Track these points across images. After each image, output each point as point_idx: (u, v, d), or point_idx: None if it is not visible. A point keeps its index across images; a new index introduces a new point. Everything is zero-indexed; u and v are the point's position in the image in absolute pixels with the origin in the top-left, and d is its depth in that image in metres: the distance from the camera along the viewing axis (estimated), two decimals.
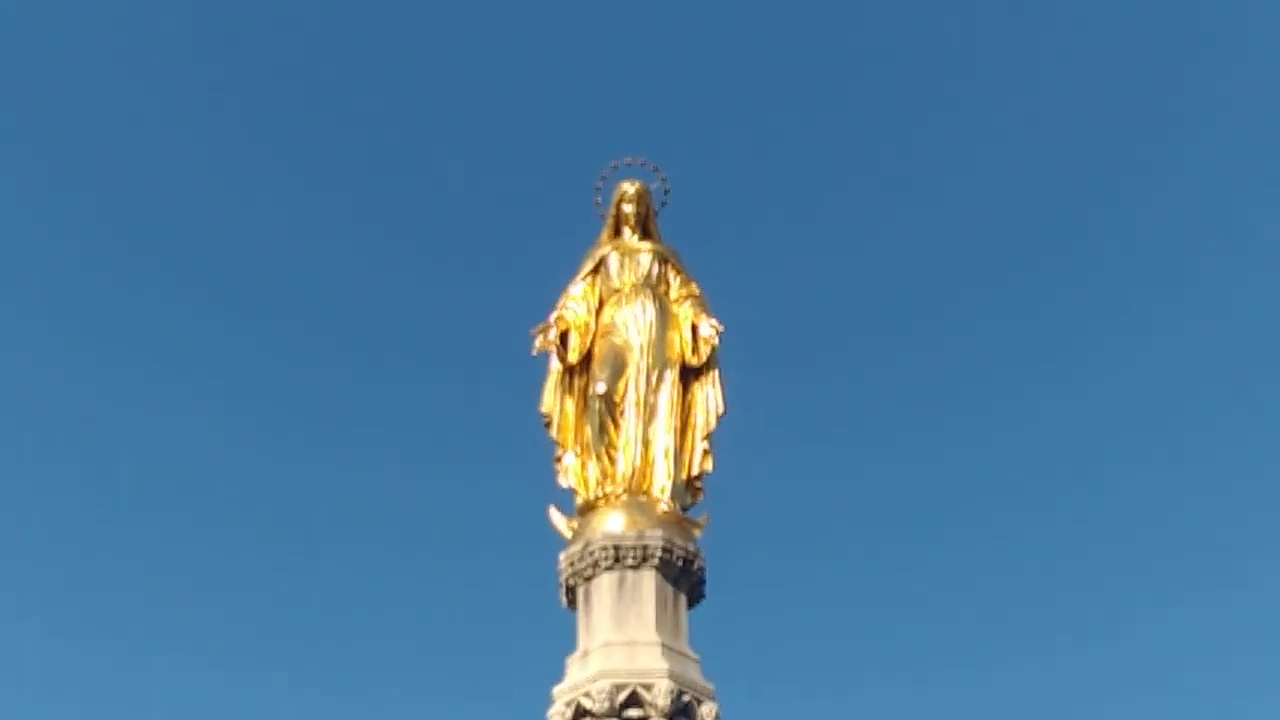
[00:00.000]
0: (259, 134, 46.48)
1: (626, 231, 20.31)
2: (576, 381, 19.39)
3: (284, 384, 45.14)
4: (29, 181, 43.74)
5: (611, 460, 18.81)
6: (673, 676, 17.43)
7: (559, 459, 19.22)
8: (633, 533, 18.16)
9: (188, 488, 43.65)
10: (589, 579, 18.27)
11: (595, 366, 19.22)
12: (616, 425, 18.88)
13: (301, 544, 43.48)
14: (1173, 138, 44.74)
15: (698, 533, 18.72)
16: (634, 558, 18.10)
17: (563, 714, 17.53)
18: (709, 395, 19.28)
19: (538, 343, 19.22)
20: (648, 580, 18.10)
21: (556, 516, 18.94)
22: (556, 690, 17.81)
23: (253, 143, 46.44)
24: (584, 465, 19.01)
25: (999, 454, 45.12)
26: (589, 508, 18.70)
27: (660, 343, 19.22)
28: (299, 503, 44.31)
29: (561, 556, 18.59)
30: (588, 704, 17.32)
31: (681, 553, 18.27)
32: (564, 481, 19.12)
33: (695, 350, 19.29)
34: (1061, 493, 44.38)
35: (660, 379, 19.06)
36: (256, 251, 45.62)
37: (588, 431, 19.00)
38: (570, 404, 19.34)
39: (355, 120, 46.77)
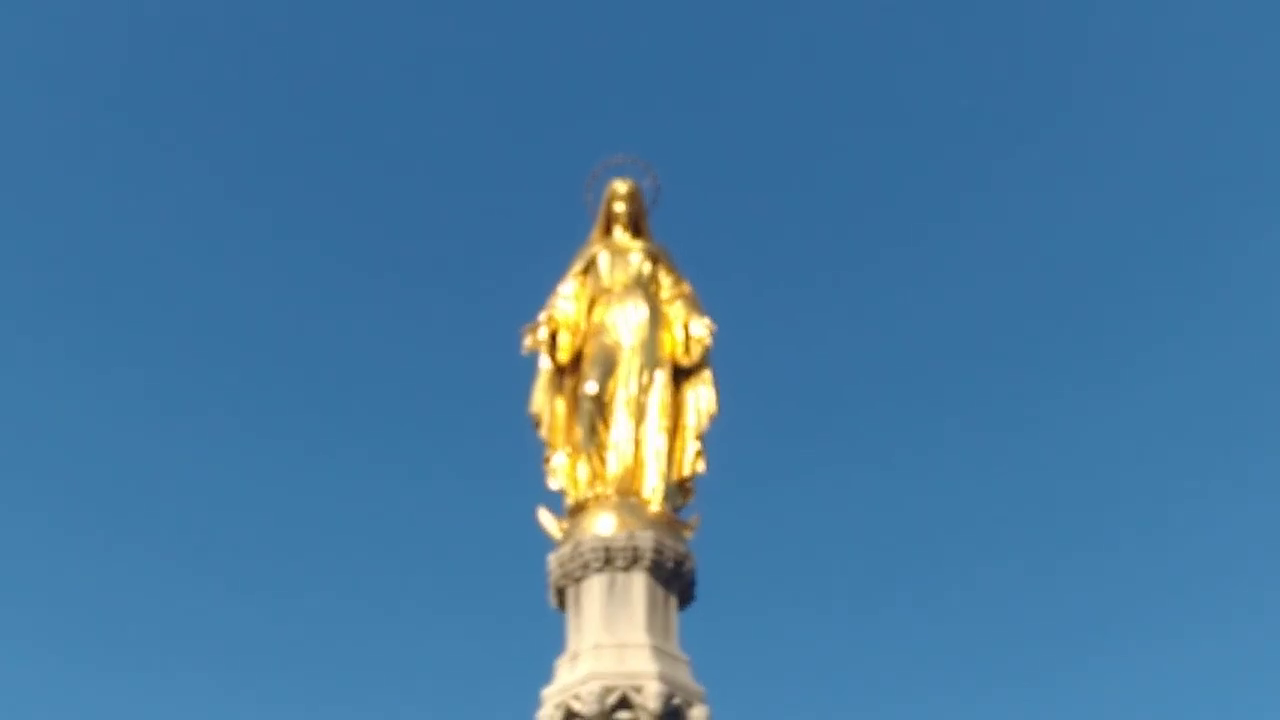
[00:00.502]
0: (250, 137, 46.61)
1: (618, 230, 20.41)
2: (567, 381, 19.50)
3: (273, 388, 45.29)
4: (19, 191, 43.94)
5: (602, 461, 18.86)
6: (663, 679, 17.46)
7: (549, 460, 19.27)
8: (623, 534, 18.22)
9: (177, 495, 43.91)
10: (579, 580, 18.32)
11: (586, 366, 19.28)
12: (607, 426, 18.94)
13: (289, 547, 43.76)
14: (1202, 157, 44.83)
15: (689, 534, 18.78)
16: (624, 559, 18.14)
17: (552, 716, 17.58)
18: (700, 396, 19.35)
19: (527, 342, 19.32)
20: (638, 582, 18.15)
21: (546, 518, 18.96)
22: (546, 692, 17.84)
23: (242, 144, 46.58)
24: (574, 466, 19.05)
25: (999, 459, 45.36)
26: (579, 509, 18.76)
27: (651, 342, 19.30)
28: (286, 506, 44.51)
29: (551, 558, 18.65)
30: (577, 706, 17.38)
31: (672, 554, 18.33)
32: (554, 482, 19.17)
33: (687, 350, 19.38)
34: (1066, 504, 44.64)
35: (651, 379, 19.13)
36: (247, 256, 45.76)
37: (578, 432, 19.05)
38: (560, 404, 19.44)
39: (344, 119, 46.84)
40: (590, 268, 20.00)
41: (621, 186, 20.49)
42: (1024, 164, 45.99)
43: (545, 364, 19.48)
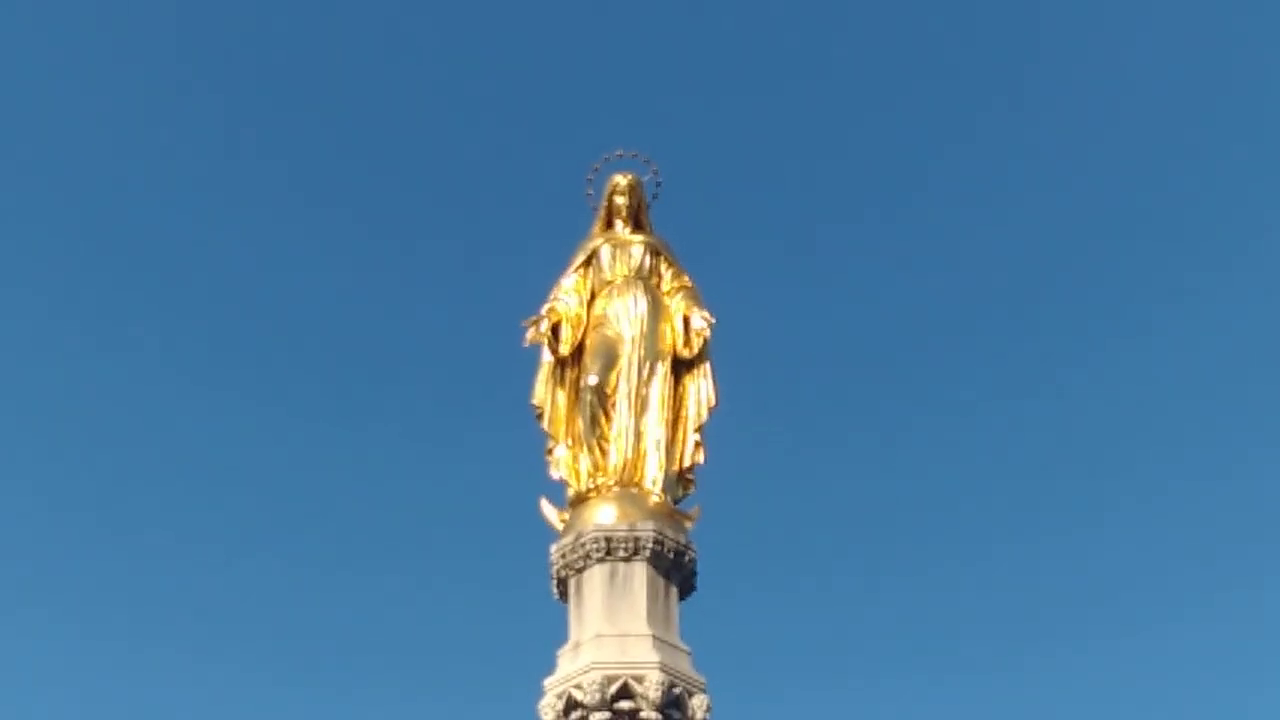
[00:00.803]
0: (253, 131, 46.99)
1: (618, 224, 20.39)
2: (568, 374, 19.53)
3: (275, 379, 45.71)
4: (30, 186, 44.13)
5: (603, 452, 18.94)
6: (664, 668, 17.56)
7: (550, 451, 19.33)
8: (624, 525, 18.31)
9: (182, 485, 44.21)
10: (580, 571, 18.39)
11: (587, 358, 19.34)
12: (608, 417, 19.02)
13: (293, 539, 44.04)
14: (1186, 146, 44.92)
15: (689, 525, 18.87)
16: (625, 550, 18.22)
17: (554, 706, 17.65)
18: (700, 388, 19.37)
19: (529, 335, 19.33)
20: (639, 572, 18.25)
21: (548, 508, 19.05)
22: (547, 682, 17.94)
23: (247, 140, 46.99)
24: (575, 457, 19.13)
25: (993, 448, 45.73)
26: (580, 500, 18.85)
27: (652, 335, 19.36)
28: (292, 498, 44.88)
29: (553, 548, 18.72)
30: (579, 695, 17.47)
31: (673, 545, 18.41)
32: (555, 473, 19.21)
33: (687, 342, 19.41)
34: (1062, 496, 45.03)
35: (652, 371, 19.19)
36: (251, 248, 46.19)
37: (579, 423, 19.10)
38: (562, 396, 19.46)
39: (348, 116, 47.27)
40: (591, 261, 20.04)
41: (622, 180, 20.47)
42: (1025, 157, 46.50)
43: (547, 356, 19.49)
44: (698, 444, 19.17)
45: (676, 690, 17.60)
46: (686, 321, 19.47)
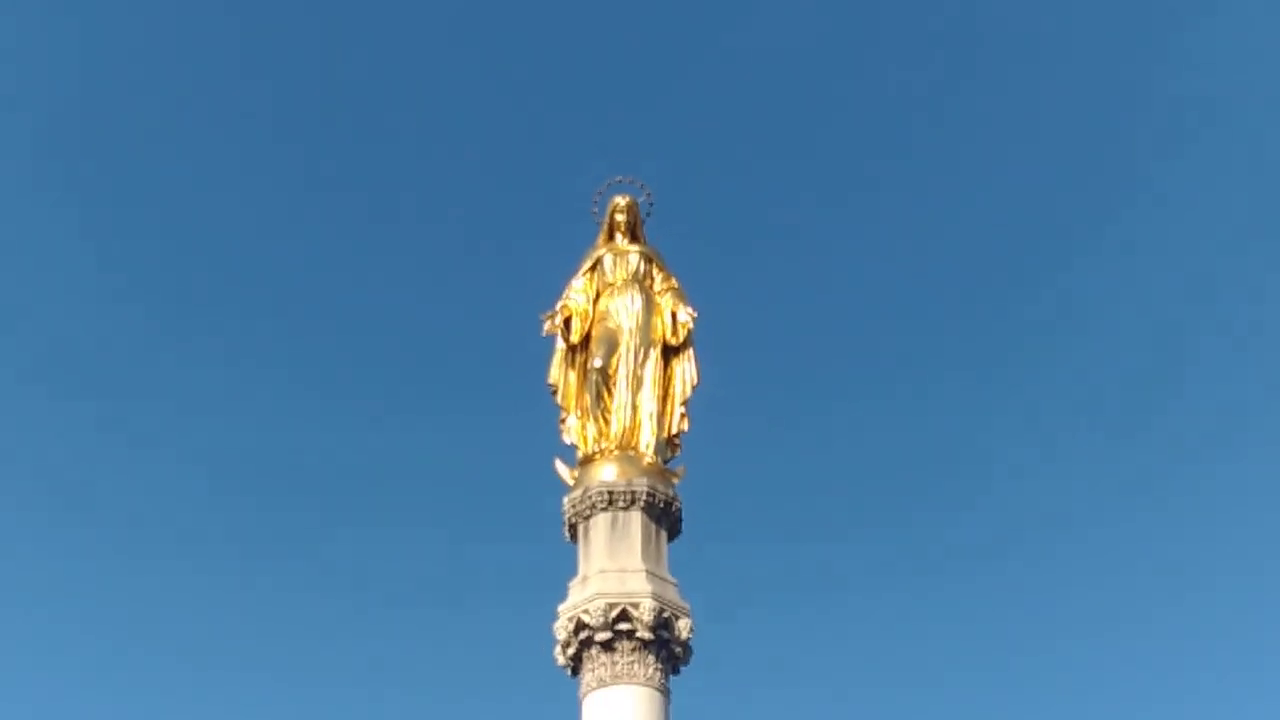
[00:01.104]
0: (299, 146, 50.11)
1: (618, 236, 22.09)
2: (578, 358, 21.02)
3: (342, 369, 49.49)
4: (54, 185, 46.73)
5: (606, 422, 20.48)
6: (655, 597, 19.14)
7: (563, 420, 20.86)
8: (623, 480, 19.90)
9: (235, 455, 47.97)
10: (587, 518, 19.98)
11: (593, 346, 20.85)
12: (610, 393, 20.52)
13: (359, 498, 48.05)
14: (1126, 137, 47.37)
15: (676, 480, 20.44)
16: (624, 500, 19.79)
17: (565, 627, 19.31)
18: (686, 369, 20.93)
19: (546, 326, 20.96)
20: (635, 519, 19.76)
21: (561, 467, 20.63)
22: (560, 608, 19.55)
23: (295, 159, 50.26)
24: (583, 426, 20.61)
25: (937, 418, 48.72)
26: (587, 460, 20.42)
27: (646, 326, 20.87)
28: (361, 465, 48.61)
29: (565, 500, 20.29)
30: (586, 619, 19.10)
31: (663, 496, 20.02)
32: (567, 439, 20.76)
33: (674, 332, 21.01)
34: (988, 464, 48.05)
35: (646, 356, 20.72)
36: (319, 263, 49.62)
37: (587, 398, 20.61)
38: (572, 376, 20.96)
39: (394, 138, 50.51)
40: (596, 266, 21.55)
41: (621, 201, 22.14)
42: (992, 158, 49.11)
43: (560, 344, 21.01)
44: (683, 415, 20.77)
45: (666, 614, 19.14)
46: (674, 315, 21.07)
